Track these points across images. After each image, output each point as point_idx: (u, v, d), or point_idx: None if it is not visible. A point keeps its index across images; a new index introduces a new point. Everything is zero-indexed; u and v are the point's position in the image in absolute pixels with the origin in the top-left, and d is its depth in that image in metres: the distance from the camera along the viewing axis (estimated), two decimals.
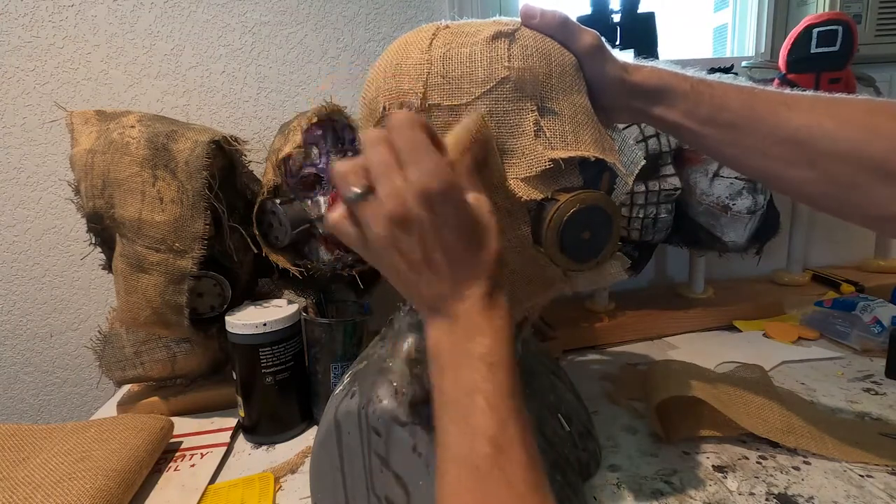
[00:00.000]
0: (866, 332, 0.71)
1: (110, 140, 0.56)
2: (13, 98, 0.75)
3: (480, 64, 0.36)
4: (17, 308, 0.82)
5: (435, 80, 0.36)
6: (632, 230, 0.72)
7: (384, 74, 0.38)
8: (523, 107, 0.36)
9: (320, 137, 0.62)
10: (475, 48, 0.36)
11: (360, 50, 0.82)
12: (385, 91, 0.38)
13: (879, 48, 0.93)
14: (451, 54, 0.36)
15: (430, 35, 0.37)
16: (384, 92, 0.38)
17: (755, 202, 0.71)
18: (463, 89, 0.36)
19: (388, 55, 0.39)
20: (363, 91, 0.41)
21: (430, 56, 0.36)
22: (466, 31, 0.37)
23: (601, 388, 0.65)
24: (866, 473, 0.47)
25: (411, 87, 0.36)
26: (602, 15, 0.82)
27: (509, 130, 0.36)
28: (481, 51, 0.36)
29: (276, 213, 0.60)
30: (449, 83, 0.36)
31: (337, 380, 0.60)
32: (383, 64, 0.39)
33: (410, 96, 0.36)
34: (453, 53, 0.36)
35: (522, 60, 0.36)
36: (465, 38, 0.37)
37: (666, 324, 0.81)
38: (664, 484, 0.47)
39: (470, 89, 0.36)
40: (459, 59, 0.36)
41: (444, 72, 0.36)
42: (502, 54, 0.36)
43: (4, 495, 0.44)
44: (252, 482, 0.51)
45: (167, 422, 0.58)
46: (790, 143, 0.38)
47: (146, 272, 0.56)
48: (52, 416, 0.86)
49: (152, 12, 0.76)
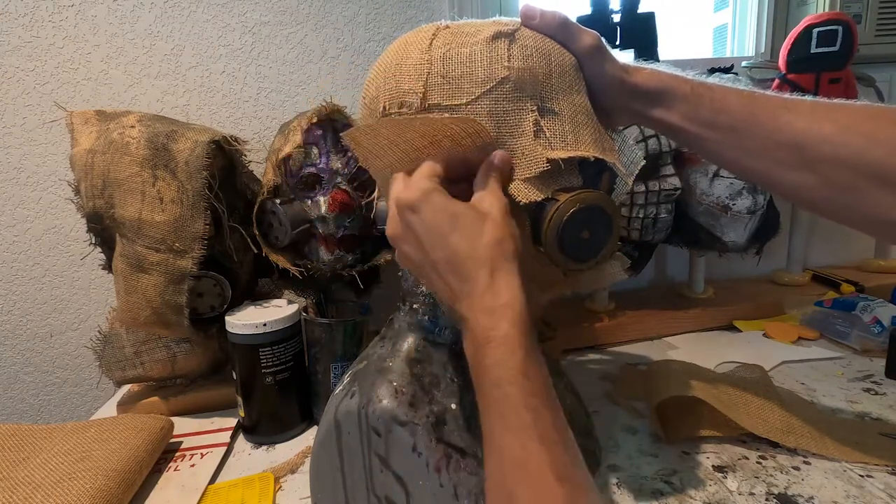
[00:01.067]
0: (866, 332, 0.71)
1: (110, 140, 0.56)
2: (13, 98, 0.75)
3: (480, 64, 0.36)
4: (17, 308, 0.82)
5: (435, 79, 0.36)
6: (632, 230, 0.72)
7: (384, 74, 0.38)
8: (523, 107, 0.36)
9: (320, 137, 0.62)
10: (475, 48, 0.36)
11: (360, 50, 0.82)
12: (385, 91, 0.38)
13: (879, 48, 0.93)
14: (451, 54, 0.36)
15: (431, 35, 0.37)
16: (384, 92, 0.38)
17: (755, 202, 0.71)
18: (463, 89, 0.36)
19: (389, 55, 0.39)
20: (363, 91, 0.41)
21: (430, 56, 0.36)
22: (466, 32, 0.37)
23: (601, 388, 0.65)
24: (866, 473, 0.47)
25: (411, 87, 0.36)
26: (602, 15, 0.82)
27: (509, 130, 0.36)
28: (481, 51, 0.36)
29: (276, 213, 0.60)
30: (449, 83, 0.36)
31: (337, 380, 0.60)
32: (383, 64, 0.39)
33: (410, 96, 0.36)
34: (453, 53, 0.36)
35: (522, 60, 0.36)
36: (465, 38, 0.37)
37: (666, 324, 0.80)
38: (664, 484, 0.47)
39: (470, 89, 0.36)
40: (459, 59, 0.36)
41: (444, 72, 0.36)
42: (502, 54, 0.36)
43: (4, 495, 0.44)
44: (252, 482, 0.51)
45: (167, 422, 0.58)
46: (790, 146, 0.38)
47: (146, 272, 0.56)
48: (52, 416, 0.86)
49: (152, 12, 0.76)
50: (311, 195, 0.62)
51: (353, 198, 0.61)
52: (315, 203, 0.61)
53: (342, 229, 0.61)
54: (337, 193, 0.61)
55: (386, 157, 0.37)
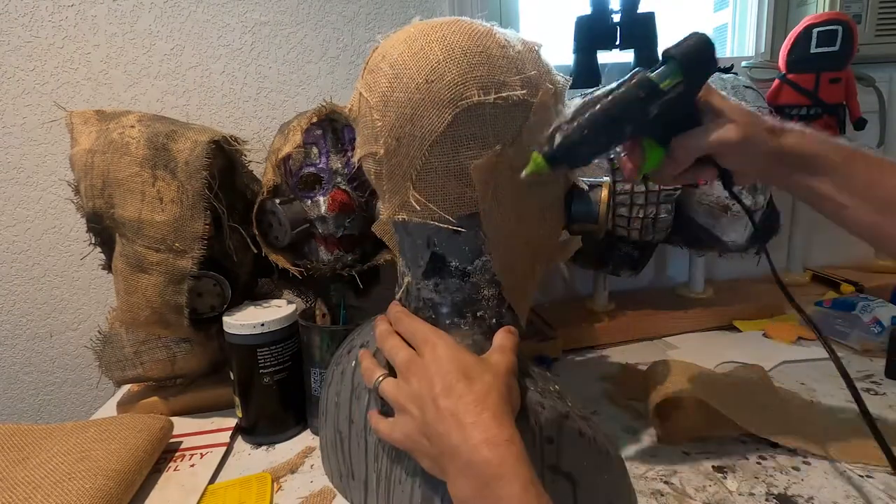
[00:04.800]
0: (866, 332, 0.71)
1: (110, 140, 0.56)
2: (13, 98, 0.75)
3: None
4: (17, 308, 0.82)
5: (530, 74, 0.37)
6: (632, 230, 0.72)
7: (469, 61, 0.36)
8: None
9: (320, 137, 0.62)
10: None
11: (360, 50, 0.82)
12: (473, 78, 0.36)
13: (879, 48, 0.93)
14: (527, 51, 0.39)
15: (489, 30, 0.38)
16: (473, 79, 0.36)
17: (755, 202, 0.71)
18: (540, 87, 0.38)
19: (454, 39, 0.37)
20: (424, 75, 0.37)
21: (509, 52, 0.37)
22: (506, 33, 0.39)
23: (601, 388, 0.65)
24: (866, 473, 0.47)
25: (505, 78, 0.36)
26: (602, 15, 0.82)
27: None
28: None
29: (276, 213, 0.60)
30: (530, 80, 0.37)
31: (318, 385, 0.59)
32: (456, 48, 0.36)
33: (507, 88, 0.36)
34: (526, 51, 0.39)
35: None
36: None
37: (666, 324, 0.81)
38: (664, 484, 0.47)
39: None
40: (532, 59, 0.38)
41: (524, 68, 0.37)
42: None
43: (4, 495, 0.44)
44: (249, 483, 0.51)
45: (167, 422, 0.57)
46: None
47: (146, 272, 0.56)
48: (52, 416, 0.86)
49: (152, 12, 0.76)
50: (311, 195, 0.62)
51: (352, 198, 0.61)
52: (315, 203, 0.61)
53: (342, 229, 0.61)
54: (337, 193, 0.61)
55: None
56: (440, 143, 0.36)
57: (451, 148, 0.37)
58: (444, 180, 0.38)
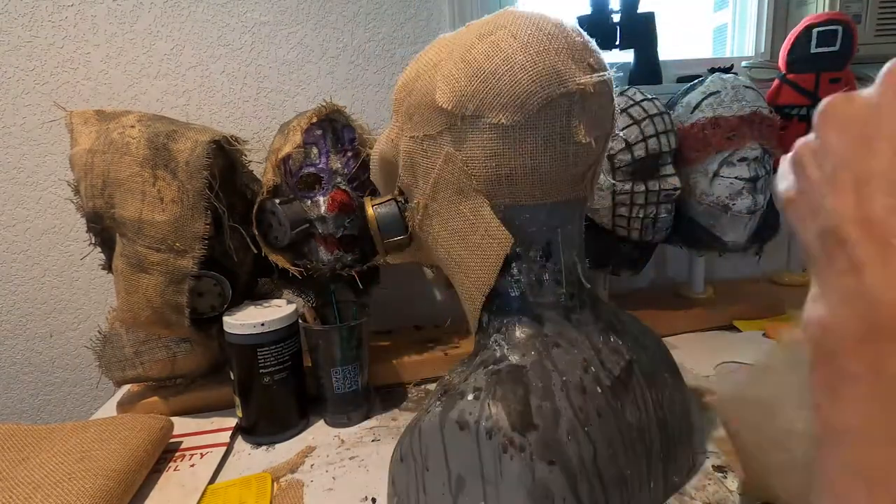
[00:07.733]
0: None
1: (110, 140, 0.56)
2: (13, 98, 0.75)
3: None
4: (17, 308, 0.82)
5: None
6: (632, 230, 0.72)
7: (544, 65, 0.37)
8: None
9: (320, 137, 0.62)
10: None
11: (359, 50, 0.82)
12: (554, 85, 0.38)
13: (879, 48, 0.93)
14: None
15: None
16: (556, 87, 0.38)
17: (755, 202, 0.71)
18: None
19: (541, 28, 0.39)
20: (489, 85, 0.38)
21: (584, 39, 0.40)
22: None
23: None
24: None
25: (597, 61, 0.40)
26: (602, 15, 0.82)
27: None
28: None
29: (276, 213, 0.60)
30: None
31: (339, 384, 0.59)
32: (539, 51, 0.38)
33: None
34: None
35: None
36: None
37: (666, 324, 0.80)
38: None
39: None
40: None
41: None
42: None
43: (4, 495, 0.44)
44: (249, 483, 0.51)
45: (167, 422, 0.57)
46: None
47: (146, 272, 0.56)
48: (52, 416, 0.86)
49: (152, 12, 0.76)
50: (311, 195, 0.62)
51: (352, 198, 0.61)
52: (315, 203, 0.61)
53: (342, 229, 0.61)
54: (337, 193, 0.61)
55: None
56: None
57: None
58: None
